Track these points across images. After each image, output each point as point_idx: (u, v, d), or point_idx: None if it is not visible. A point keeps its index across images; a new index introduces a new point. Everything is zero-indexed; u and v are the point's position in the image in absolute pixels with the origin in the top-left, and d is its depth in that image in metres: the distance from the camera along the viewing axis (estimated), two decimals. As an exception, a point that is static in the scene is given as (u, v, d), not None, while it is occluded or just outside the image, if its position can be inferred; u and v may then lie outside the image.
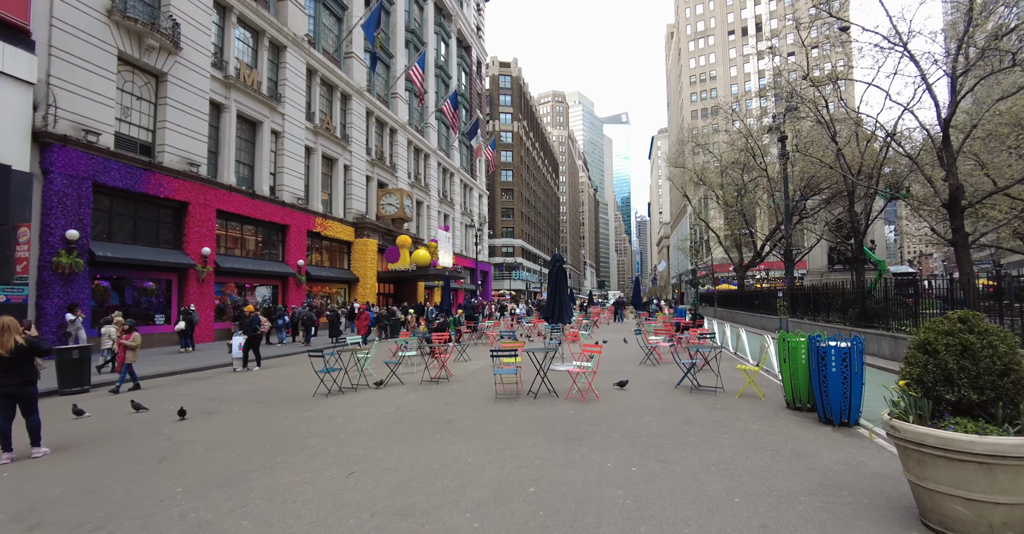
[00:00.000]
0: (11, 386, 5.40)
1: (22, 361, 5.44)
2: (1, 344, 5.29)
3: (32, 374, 5.59)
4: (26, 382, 5.51)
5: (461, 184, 53.72)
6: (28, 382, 5.52)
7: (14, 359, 5.37)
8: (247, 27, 24.27)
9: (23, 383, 5.48)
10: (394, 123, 37.97)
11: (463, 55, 55.88)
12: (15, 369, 5.42)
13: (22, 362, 5.45)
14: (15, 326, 5.44)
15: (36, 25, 15.21)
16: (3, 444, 5.37)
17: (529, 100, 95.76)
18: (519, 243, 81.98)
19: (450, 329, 14.94)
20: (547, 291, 11.35)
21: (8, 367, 5.38)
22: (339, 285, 31.30)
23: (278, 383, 10.25)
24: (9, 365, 5.37)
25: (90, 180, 16.51)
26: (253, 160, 24.64)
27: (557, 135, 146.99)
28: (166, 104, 19.57)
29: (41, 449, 5.59)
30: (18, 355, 5.37)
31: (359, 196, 32.69)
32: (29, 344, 5.44)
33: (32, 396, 5.56)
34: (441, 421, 6.59)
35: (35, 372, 5.65)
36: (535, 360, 9.03)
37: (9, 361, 5.35)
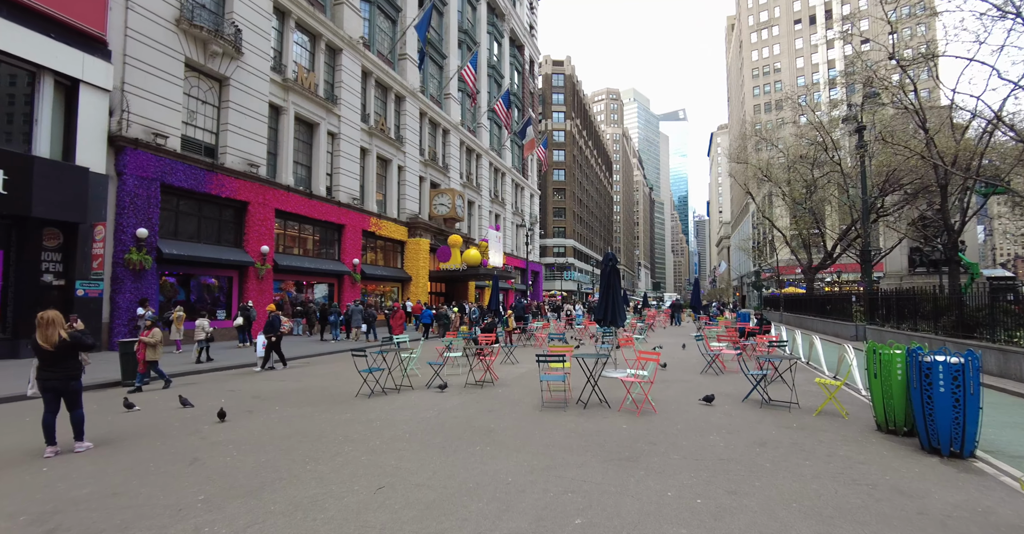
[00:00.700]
0: (55, 380, 5.40)
1: (66, 355, 5.43)
2: (46, 338, 5.29)
3: (76, 368, 5.57)
4: (70, 376, 5.50)
5: (512, 184, 53.47)
6: (72, 376, 5.51)
7: (58, 353, 5.36)
8: (304, 31, 24.90)
9: (67, 377, 5.47)
10: (447, 124, 38.14)
11: (516, 54, 55.63)
12: (59, 363, 5.41)
13: (66, 356, 5.44)
14: (60, 320, 5.44)
15: (112, 35, 16.04)
16: (48, 437, 5.37)
17: (582, 98, 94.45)
18: (571, 243, 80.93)
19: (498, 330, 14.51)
20: (598, 292, 10.68)
21: (53, 361, 5.38)
22: (392, 284, 31.70)
23: (324, 381, 10.15)
24: (54, 359, 5.37)
25: (158, 181, 17.28)
26: (310, 161, 25.25)
27: (611, 133, 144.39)
28: (228, 107, 20.29)
29: (84, 444, 5.57)
30: (62, 349, 5.36)
31: (412, 196, 33.00)
32: (72, 339, 5.42)
33: (76, 390, 5.55)
34: (482, 430, 6.13)
35: (79, 366, 5.64)
36: (585, 366, 8.42)
37: (54, 355, 5.35)
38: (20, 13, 13.81)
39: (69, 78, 14.99)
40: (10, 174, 13.33)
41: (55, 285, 15.08)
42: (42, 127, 14.61)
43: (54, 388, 5.39)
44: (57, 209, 14.35)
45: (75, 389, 5.53)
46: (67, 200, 14.56)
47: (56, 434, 5.42)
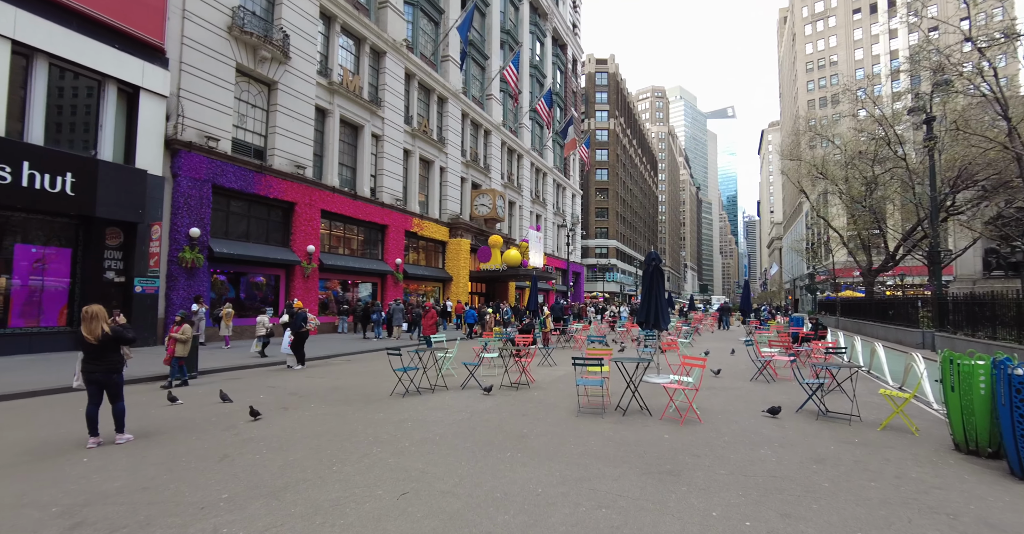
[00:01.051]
0: (99, 373, 5.53)
1: (109, 349, 5.56)
2: (89, 331, 5.43)
3: (118, 362, 5.71)
4: (112, 370, 5.63)
5: (554, 184, 53.06)
6: (114, 370, 5.65)
7: (101, 347, 5.49)
8: (350, 35, 25.41)
9: (109, 370, 5.61)
10: (488, 124, 38.19)
11: (558, 53, 55.21)
12: (102, 356, 5.55)
13: (109, 350, 5.57)
14: (103, 315, 5.57)
15: (169, 44, 16.78)
16: (91, 428, 5.51)
17: (626, 96, 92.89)
18: (613, 244, 79.66)
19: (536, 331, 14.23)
20: (641, 293, 10.23)
21: (96, 354, 5.51)
22: (434, 283, 31.96)
23: (362, 379, 10.17)
24: (97, 352, 5.51)
25: (210, 182, 17.95)
26: (355, 163, 25.74)
27: (656, 132, 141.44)
28: (276, 111, 20.91)
29: (124, 436, 5.68)
30: (105, 343, 5.48)
31: (454, 197, 33.18)
32: (114, 332, 5.54)
33: (118, 383, 5.68)
34: (514, 435, 5.88)
35: (121, 360, 5.77)
36: (625, 371, 8.04)
37: (97, 348, 5.49)
38: (88, 26, 14.61)
39: (131, 85, 15.77)
40: (77, 177, 14.10)
41: (116, 281, 15.88)
42: (106, 132, 15.42)
43: (97, 381, 5.53)
44: (118, 209, 15.10)
45: (117, 382, 5.66)
46: (127, 201, 15.31)
47: (99, 425, 5.54)
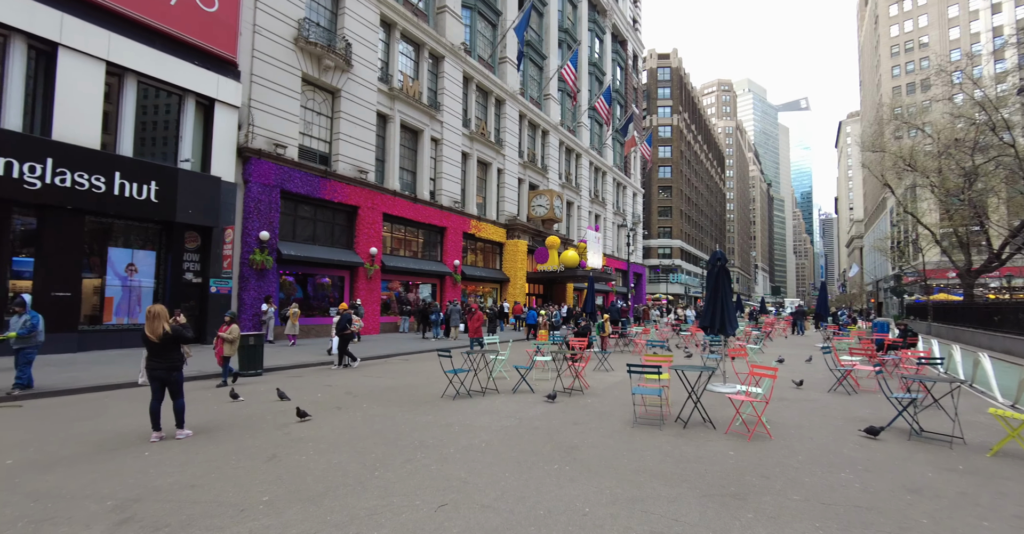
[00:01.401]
0: (160, 370, 5.77)
1: (169, 347, 5.80)
2: (152, 330, 5.68)
3: (178, 360, 5.94)
4: (172, 367, 5.86)
5: (614, 182, 51.94)
6: (174, 367, 5.88)
7: (162, 345, 5.73)
8: (409, 41, 25.94)
9: (170, 368, 5.84)
10: (546, 125, 37.91)
11: (618, 50, 54.05)
12: (163, 354, 5.79)
13: (169, 348, 5.80)
14: (164, 314, 5.81)
15: (241, 57, 17.74)
16: (154, 423, 5.75)
17: (690, 91, 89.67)
18: (677, 244, 77.01)
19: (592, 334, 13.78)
20: (705, 296, 9.59)
21: (157, 352, 5.76)
22: (491, 285, 32.06)
23: (416, 380, 10.19)
24: (158, 350, 5.75)
25: (279, 188, 18.81)
26: (415, 166, 26.24)
27: (723, 127, 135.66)
28: (340, 117, 21.65)
29: (184, 431, 5.89)
30: (165, 341, 5.72)
31: (511, 198, 33.16)
32: (174, 332, 5.76)
33: (178, 380, 5.91)
34: (564, 446, 5.57)
35: (181, 358, 6.00)
36: (686, 380, 7.51)
37: (158, 346, 5.73)
38: (171, 44, 15.70)
39: (207, 98, 16.80)
40: (160, 185, 15.17)
41: (194, 282, 16.95)
42: (185, 142, 16.51)
43: (159, 377, 5.77)
44: (195, 214, 16.11)
45: (177, 379, 5.88)
46: (203, 206, 16.31)
47: (161, 420, 5.77)
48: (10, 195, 12.43)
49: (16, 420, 6.65)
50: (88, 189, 13.63)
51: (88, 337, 14.07)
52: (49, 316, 13.23)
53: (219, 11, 16.83)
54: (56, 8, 13.36)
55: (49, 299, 13.24)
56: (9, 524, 3.51)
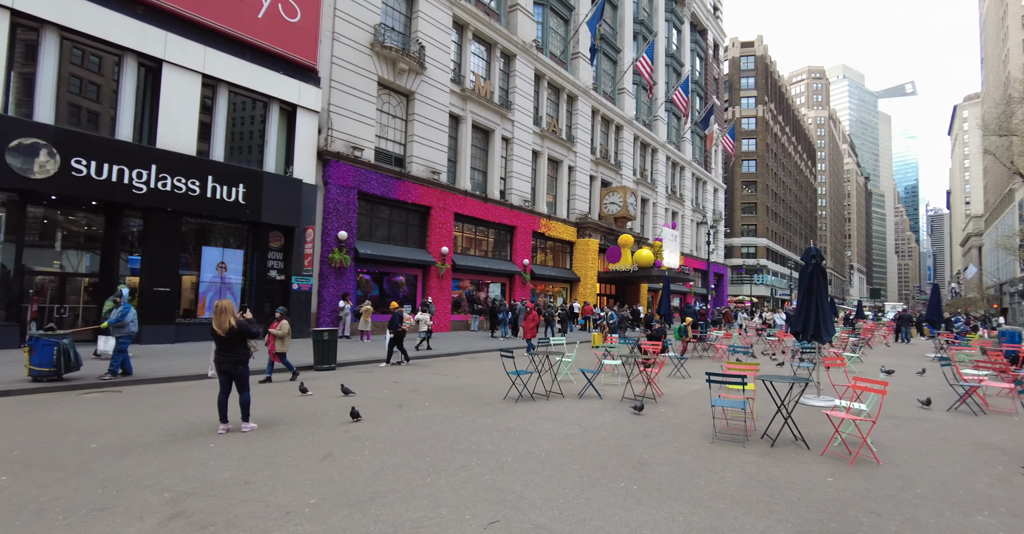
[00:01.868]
0: (227, 363, 5.93)
1: (235, 342, 5.94)
2: (219, 324, 5.83)
3: (244, 354, 6.08)
4: (238, 361, 6.00)
5: (692, 178, 49.56)
6: (240, 361, 6.01)
7: (229, 339, 5.89)
8: (480, 41, 26.04)
9: (236, 362, 5.98)
10: (620, 119, 36.80)
11: (697, 40, 51.55)
12: (230, 348, 5.94)
13: (236, 342, 5.95)
14: (231, 309, 5.96)
15: (320, 63, 18.53)
16: (221, 415, 5.91)
17: (777, 80, 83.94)
18: (763, 242, 72.31)
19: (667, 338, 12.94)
20: (797, 297, 8.61)
21: (225, 346, 5.92)
22: (561, 284, 31.55)
23: (481, 379, 10.00)
24: (225, 344, 5.91)
25: (356, 189, 19.46)
26: (486, 166, 26.31)
27: (814, 117, 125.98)
28: (413, 119, 22.09)
29: (249, 425, 6.01)
30: (231, 335, 5.86)
31: (582, 196, 32.47)
32: (239, 326, 5.90)
33: (243, 374, 6.05)
34: (632, 461, 5.05)
35: (247, 352, 6.14)
36: (775, 392, 6.70)
37: (225, 340, 5.89)
38: (258, 55, 16.66)
39: (289, 104, 17.69)
40: (247, 188, 16.13)
41: (278, 280, 17.92)
42: (270, 147, 17.47)
43: (225, 370, 5.93)
44: (279, 215, 17.00)
45: (243, 373, 6.02)
46: (286, 207, 17.18)
47: (228, 413, 5.91)
48: (122, 199, 13.66)
49: (112, 405, 7.14)
50: (185, 192, 14.73)
51: (184, 329, 15.21)
52: (151, 309, 14.49)
53: (301, 21, 17.65)
54: (161, 28, 14.54)
55: (151, 293, 14.45)
56: (74, 510, 3.61)
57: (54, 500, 3.77)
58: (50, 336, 7.96)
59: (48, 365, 7.81)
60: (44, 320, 13.37)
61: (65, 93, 13.46)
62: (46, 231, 13.89)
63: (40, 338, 7.88)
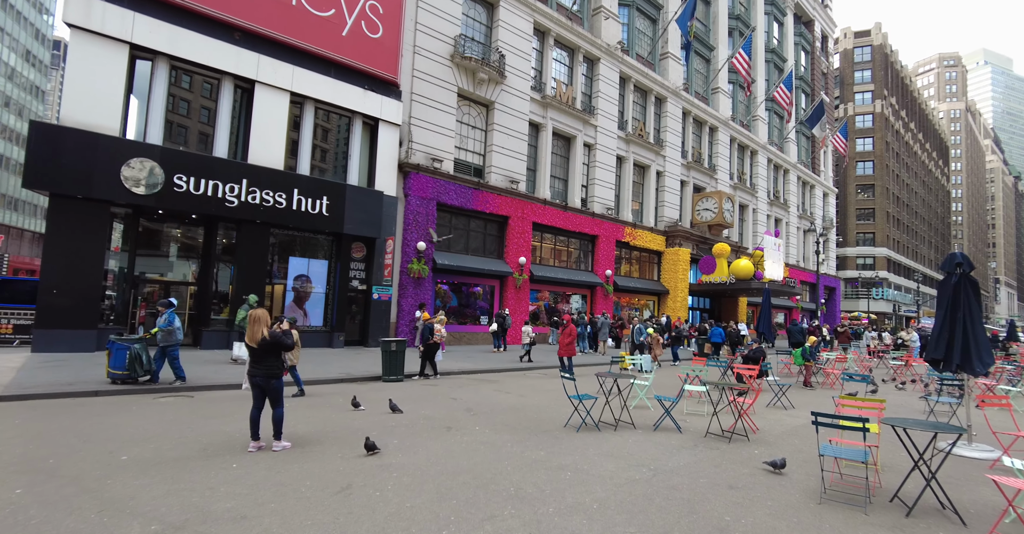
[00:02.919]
0: (259, 377, 5.63)
1: (268, 354, 5.63)
2: (251, 335, 5.54)
3: (277, 367, 5.75)
4: (271, 374, 5.66)
5: (798, 181, 45.23)
6: (272, 375, 5.68)
7: (261, 351, 5.58)
8: (562, 46, 25.43)
9: (268, 375, 5.65)
10: (714, 121, 34.40)
11: (802, 32, 47.32)
12: (262, 360, 5.63)
13: (268, 355, 5.64)
14: (265, 319, 5.66)
15: (401, 77, 18.86)
16: (252, 431, 5.60)
17: (899, 71, 75.09)
18: (882, 252, 64.40)
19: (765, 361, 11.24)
20: (938, 315, 6.87)
21: (257, 358, 5.64)
22: (647, 297, 29.74)
23: (546, 400, 9.14)
24: (258, 356, 5.62)
25: (435, 200, 19.51)
26: (566, 174, 25.53)
27: (945, 110, 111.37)
28: (493, 129, 21.88)
29: (281, 443, 5.64)
30: (264, 347, 5.53)
31: (671, 202, 30.54)
32: (272, 338, 5.57)
33: (276, 388, 5.70)
34: (709, 524, 3.94)
35: (280, 366, 5.81)
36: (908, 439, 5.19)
37: (257, 352, 5.61)
38: (342, 72, 17.25)
39: (372, 118, 18.13)
40: (331, 200, 16.63)
41: (360, 289, 18.29)
42: (353, 160, 17.96)
43: (258, 384, 5.62)
44: (361, 226, 17.36)
45: (275, 387, 5.68)
46: (368, 219, 17.50)
47: (260, 430, 5.58)
48: (216, 211, 14.54)
49: (175, 411, 7.20)
50: (272, 205, 15.42)
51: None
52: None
53: (383, 37, 18.08)
54: (254, 51, 15.46)
55: (241, 302, 15.21)
56: (55, 539, 3.29)
57: (44, 523, 3.51)
58: (124, 341, 8.31)
59: (122, 368, 8.15)
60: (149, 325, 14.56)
61: (171, 115, 14.64)
62: (153, 242, 15.11)
63: (116, 342, 8.25)
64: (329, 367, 12.39)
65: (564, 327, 13.24)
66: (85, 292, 12.92)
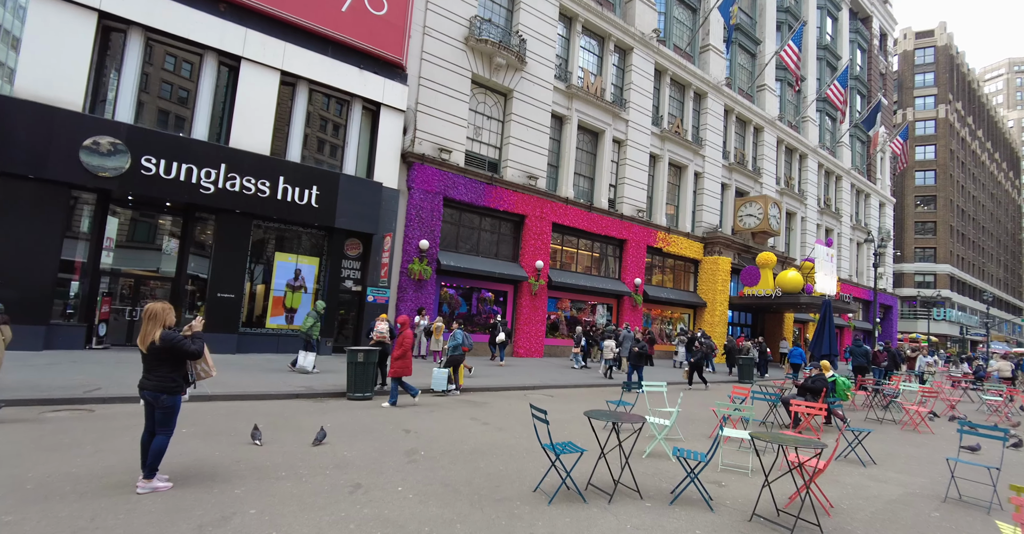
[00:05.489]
0: (147, 391, 4.12)
1: (162, 363, 4.12)
2: (141, 337, 4.06)
3: (170, 380, 4.14)
4: (161, 388, 4.10)
5: (852, 189, 41.49)
6: (163, 388, 4.11)
7: (152, 358, 4.10)
8: (591, 34, 23.34)
9: (157, 388, 4.10)
10: (759, 120, 31.51)
11: (859, 29, 43.75)
12: (154, 370, 4.13)
13: (162, 364, 4.12)
14: (161, 317, 4.10)
15: (408, 59, 17.12)
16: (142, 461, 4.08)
17: (965, 75, 69.60)
18: (944, 269, 59.10)
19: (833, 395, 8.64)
20: None
21: (148, 366, 4.15)
22: (682, 309, 26.99)
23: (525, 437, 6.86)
24: (148, 364, 4.14)
25: (442, 195, 17.61)
26: (593, 172, 23.30)
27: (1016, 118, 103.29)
28: (511, 120, 19.91)
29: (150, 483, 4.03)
30: (154, 354, 4.07)
31: (711, 207, 27.80)
32: (164, 341, 4.03)
33: (166, 408, 4.13)
34: None
35: (175, 379, 4.18)
36: None
37: (147, 358, 4.12)
38: (340, 50, 15.63)
39: (373, 103, 16.42)
40: (321, 190, 14.91)
41: (353, 290, 16.48)
42: (350, 148, 16.26)
43: (146, 399, 4.13)
44: (355, 221, 15.56)
45: (165, 406, 4.13)
46: (363, 212, 15.70)
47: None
48: (189, 198, 12.98)
49: (53, 432, 5.35)
50: (254, 193, 13.80)
51: (246, 340, 14.15)
52: (214, 317, 13.64)
53: (388, 14, 16.42)
54: (241, 25, 13.98)
55: (215, 300, 13.59)
56: None
57: None
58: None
59: None
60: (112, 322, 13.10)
61: (144, 92, 13.25)
62: (122, 231, 13.67)
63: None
64: (292, 378, 10.51)
65: (401, 331, 9.01)
66: (36, 283, 11.52)
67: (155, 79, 13.47)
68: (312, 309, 12.38)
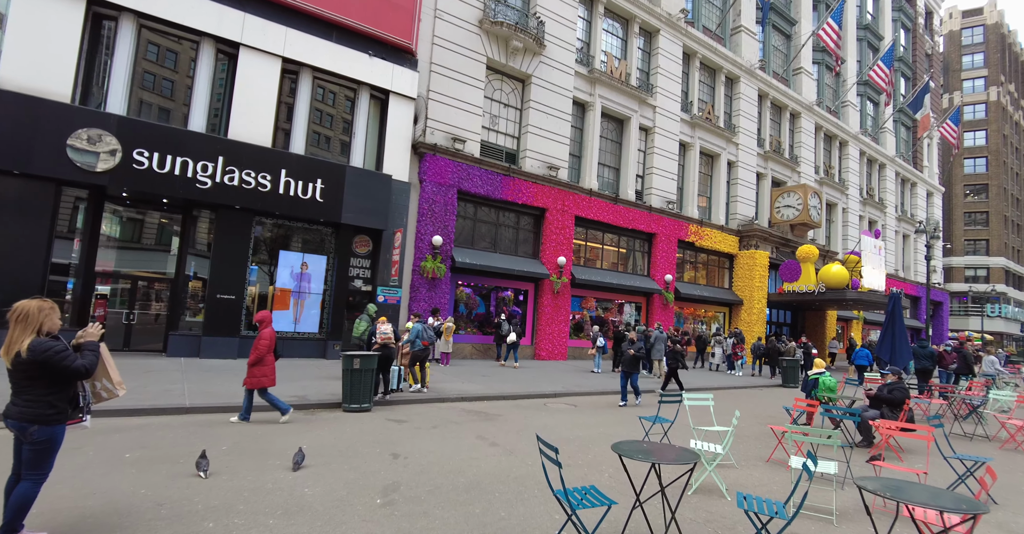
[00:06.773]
0: (11, 419, 3.01)
1: (32, 381, 3.00)
2: (6, 345, 2.95)
3: (46, 406, 3.01)
4: (31, 416, 2.98)
5: (896, 178, 38.84)
6: (33, 417, 2.99)
7: (19, 374, 3.02)
8: (615, 15, 21.92)
9: (26, 417, 2.99)
10: (796, 105, 29.51)
11: (902, 7, 40.98)
12: (23, 390, 3.04)
13: (31, 381, 3.00)
14: (34, 319, 2.96)
15: (419, 44, 16.08)
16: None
17: (1018, 54, 65.16)
18: (998, 262, 55.27)
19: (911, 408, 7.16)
20: None
21: (17, 385, 3.06)
22: (716, 307, 25.30)
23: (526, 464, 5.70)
24: (16, 381, 3.05)
25: (455, 187, 16.52)
26: (619, 162, 21.89)
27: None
28: (529, 108, 18.70)
29: None
30: (20, 370, 2.97)
31: (746, 197, 26.03)
32: (33, 355, 2.91)
33: (36, 443, 2.99)
34: None
35: (56, 404, 3.04)
36: None
37: (13, 374, 3.04)
38: (345, 36, 14.66)
39: (381, 90, 15.42)
40: (326, 183, 13.96)
41: (363, 290, 15.50)
42: (358, 138, 15.28)
43: (12, 428, 3.02)
44: (363, 216, 14.58)
45: (36, 441, 2.99)
46: (372, 207, 14.71)
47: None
48: (185, 193, 12.15)
49: None
50: (254, 187, 12.92)
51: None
52: (213, 319, 12.83)
53: (396, -4, 15.38)
54: (239, 9, 13.14)
55: (215, 301, 12.76)
56: None
57: None
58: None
59: None
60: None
61: (137, 82, 12.49)
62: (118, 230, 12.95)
63: None
64: (287, 385, 9.49)
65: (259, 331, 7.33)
66: (23, 285, 10.82)
67: (148, 68, 12.71)
68: (364, 313, 11.44)
